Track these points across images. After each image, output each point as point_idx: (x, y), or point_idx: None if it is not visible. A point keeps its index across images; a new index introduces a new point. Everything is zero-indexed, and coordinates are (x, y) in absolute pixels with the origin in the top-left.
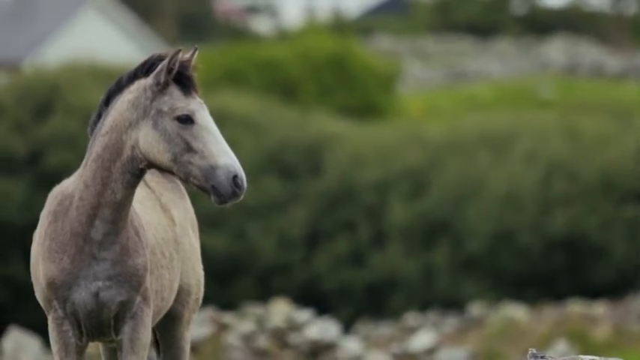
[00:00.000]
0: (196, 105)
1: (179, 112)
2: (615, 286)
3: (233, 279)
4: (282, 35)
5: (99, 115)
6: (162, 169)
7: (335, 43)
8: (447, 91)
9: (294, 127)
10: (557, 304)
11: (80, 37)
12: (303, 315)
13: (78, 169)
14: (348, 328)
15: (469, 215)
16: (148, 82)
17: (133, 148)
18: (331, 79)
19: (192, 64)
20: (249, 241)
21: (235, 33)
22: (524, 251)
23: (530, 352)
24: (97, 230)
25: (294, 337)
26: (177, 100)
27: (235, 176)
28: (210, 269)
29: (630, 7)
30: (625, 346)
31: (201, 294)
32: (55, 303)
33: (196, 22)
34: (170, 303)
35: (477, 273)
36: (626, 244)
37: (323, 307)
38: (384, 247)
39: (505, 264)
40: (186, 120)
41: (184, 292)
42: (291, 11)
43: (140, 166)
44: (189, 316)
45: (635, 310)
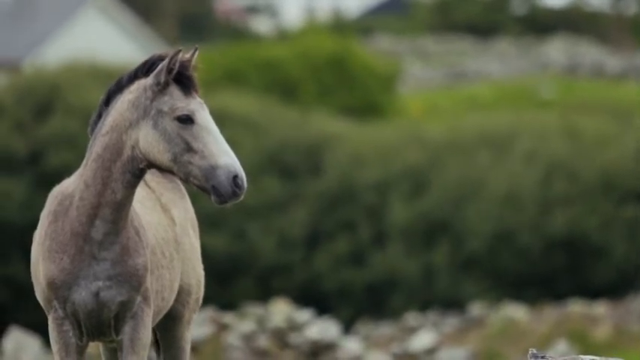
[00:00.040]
0: (196, 105)
1: (179, 112)
2: (615, 286)
3: (233, 279)
4: (282, 35)
5: (99, 115)
6: (163, 169)
7: (335, 43)
8: (447, 91)
9: (294, 127)
10: (558, 304)
11: (80, 37)
12: (303, 315)
13: (78, 168)
14: (348, 328)
15: (469, 215)
16: (148, 82)
17: (133, 148)
18: (331, 79)
19: (193, 64)
20: (249, 241)
21: (235, 33)
22: (524, 251)
23: (531, 352)
24: (98, 230)
25: (294, 337)
26: (178, 100)
27: (235, 176)
28: (211, 269)
29: (630, 7)
30: (625, 346)
31: (202, 294)
32: (56, 303)
33: (197, 22)
34: (170, 303)
35: (477, 273)
36: (626, 244)
37: (323, 307)
38: (384, 247)
39: (505, 264)
40: (187, 120)
41: (185, 292)
42: (291, 11)
43: (140, 166)
44: (189, 316)
45: (636, 310)
